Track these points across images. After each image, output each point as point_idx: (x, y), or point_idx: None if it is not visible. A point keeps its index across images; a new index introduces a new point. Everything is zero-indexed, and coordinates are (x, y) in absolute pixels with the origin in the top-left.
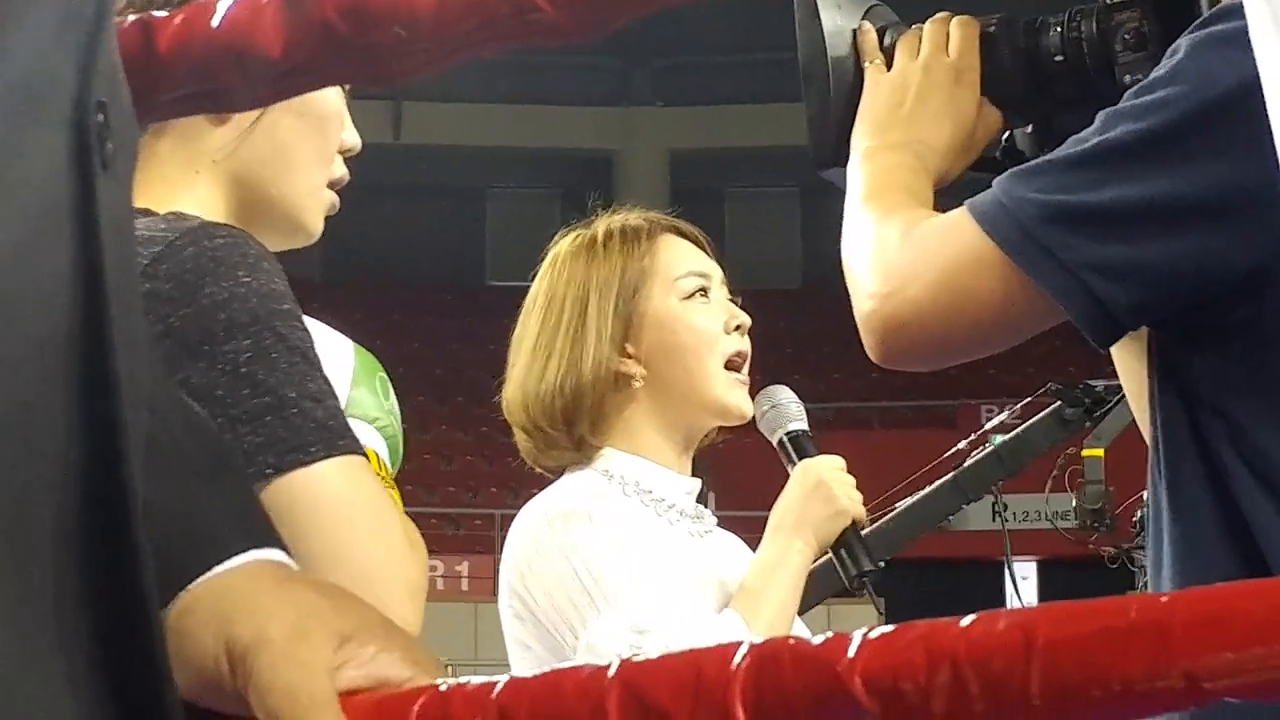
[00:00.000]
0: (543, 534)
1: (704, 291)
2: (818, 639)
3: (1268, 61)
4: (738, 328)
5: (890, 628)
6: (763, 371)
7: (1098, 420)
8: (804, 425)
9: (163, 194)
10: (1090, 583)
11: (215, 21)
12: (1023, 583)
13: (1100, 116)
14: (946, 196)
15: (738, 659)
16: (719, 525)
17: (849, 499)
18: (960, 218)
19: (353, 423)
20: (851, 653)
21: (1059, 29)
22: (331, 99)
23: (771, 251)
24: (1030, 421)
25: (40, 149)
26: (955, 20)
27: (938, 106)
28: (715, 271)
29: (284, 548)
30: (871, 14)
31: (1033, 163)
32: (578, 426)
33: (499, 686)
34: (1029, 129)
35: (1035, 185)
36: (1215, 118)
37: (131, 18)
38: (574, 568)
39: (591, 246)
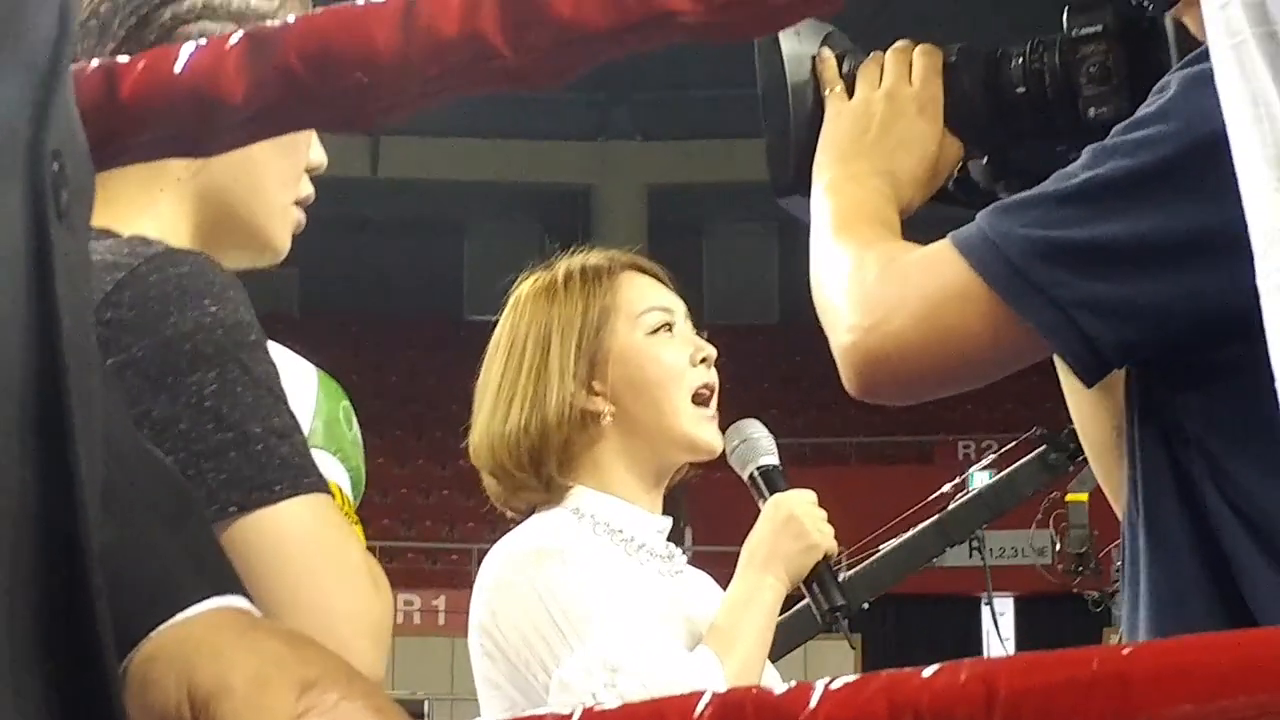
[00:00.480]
0: (513, 572)
1: (668, 326)
2: (780, 688)
3: (1233, 111)
4: (704, 360)
5: (852, 678)
6: (739, 407)
7: (1081, 464)
8: (775, 460)
9: (126, 213)
10: (1069, 620)
11: (178, 68)
12: (1001, 619)
13: (1088, 152)
14: (906, 229)
15: (700, 708)
16: (694, 560)
17: (820, 533)
18: (944, 251)
19: (315, 453)
20: (813, 704)
21: (1021, 60)
22: None
23: (749, 286)
24: (1014, 466)
25: None
26: (918, 49)
27: (902, 136)
28: (678, 306)
29: (246, 594)
30: (829, 40)
31: (1019, 196)
32: (545, 467)
33: None
34: (984, 160)
35: (1023, 220)
36: (1206, 156)
37: (94, 63)
38: (545, 605)
39: (552, 287)
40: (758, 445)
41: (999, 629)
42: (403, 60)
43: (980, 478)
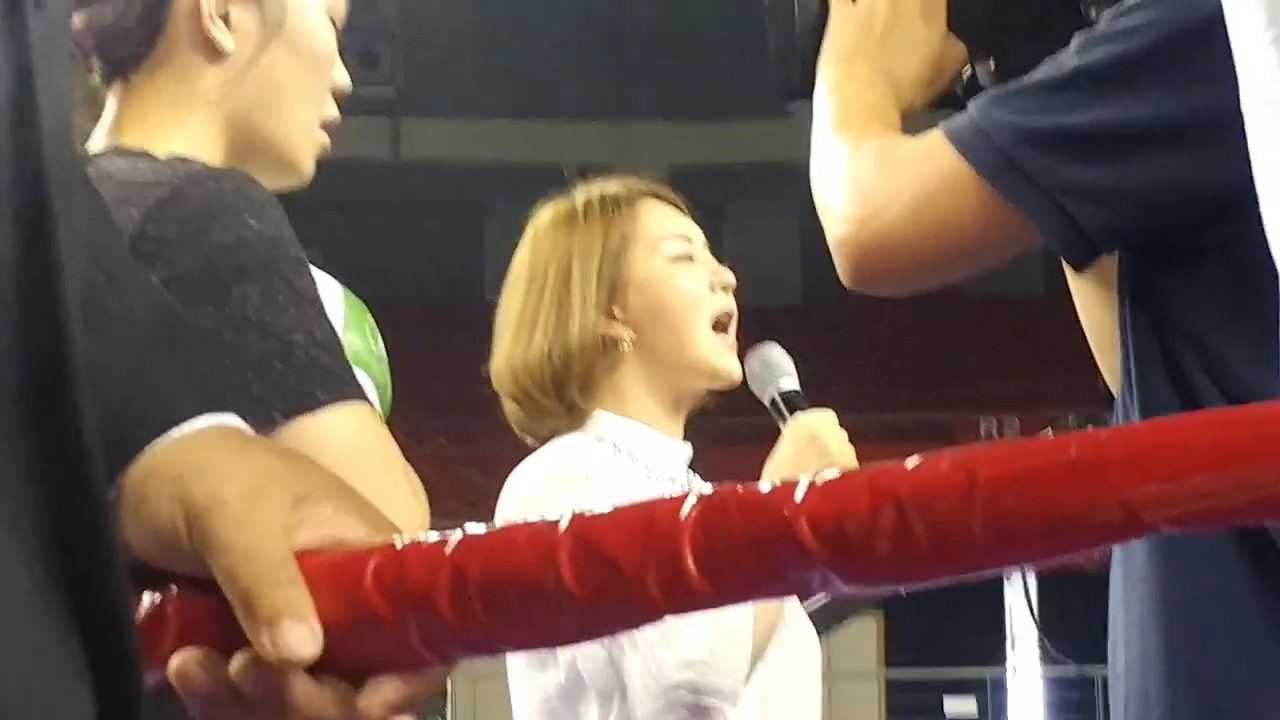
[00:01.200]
0: (543, 494)
1: (688, 254)
2: (765, 486)
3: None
4: (723, 287)
5: (836, 472)
6: None
7: None
8: (795, 384)
9: (156, 132)
10: (1098, 590)
11: None
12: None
13: (1078, 38)
14: (910, 131)
15: (686, 508)
16: None
17: (843, 453)
18: (936, 141)
19: None
20: (799, 498)
21: None
22: (326, 40)
23: (772, 267)
24: None
25: None
26: None
27: (904, 38)
28: (697, 234)
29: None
30: None
31: (1009, 86)
32: (568, 391)
33: (453, 542)
34: (990, 63)
35: (1012, 108)
36: (1194, 42)
37: None
38: None
39: (572, 216)
40: (777, 368)
41: (1028, 591)
42: None
43: None
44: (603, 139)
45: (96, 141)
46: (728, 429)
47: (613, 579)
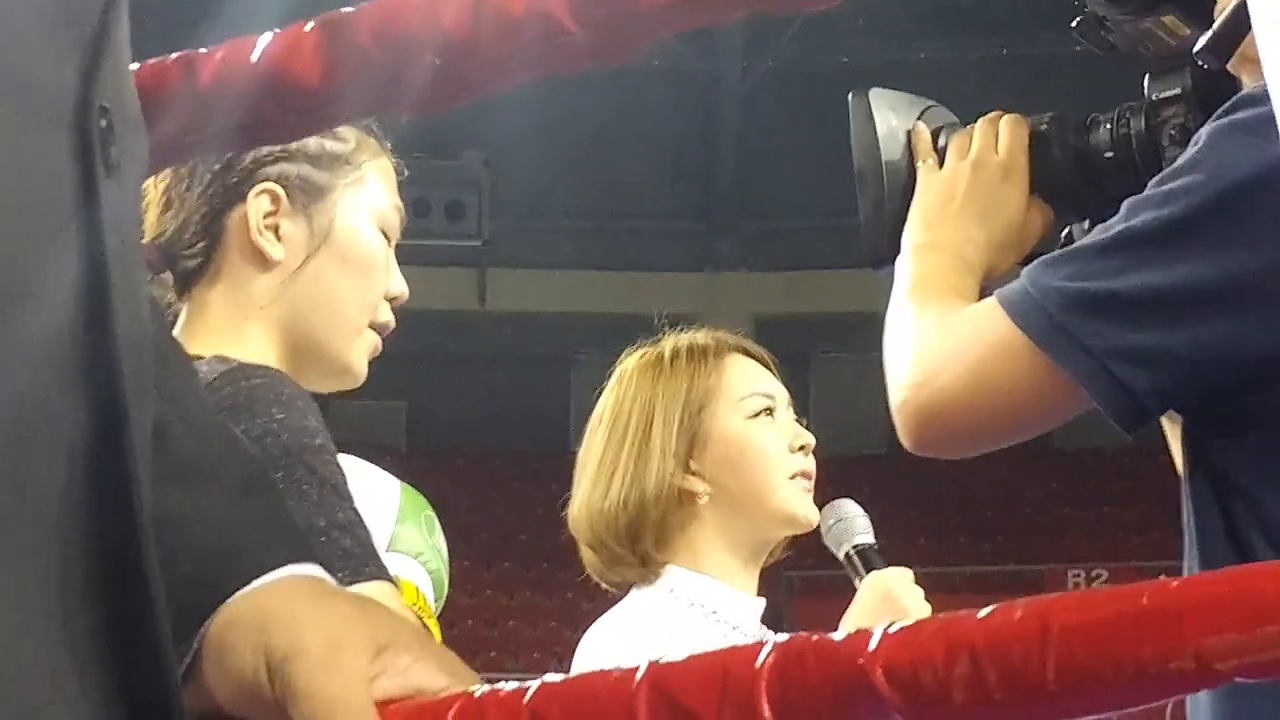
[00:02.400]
0: (611, 654)
1: (769, 411)
2: (839, 635)
3: None
4: (802, 448)
5: (910, 621)
6: None
7: None
8: (871, 538)
9: (217, 340)
10: None
11: (255, 55)
12: None
13: (1125, 205)
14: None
15: (763, 657)
16: None
17: (919, 611)
18: (989, 307)
19: (397, 557)
20: (873, 646)
21: (1109, 126)
22: (376, 247)
23: (857, 417)
24: None
25: (41, 149)
26: (1005, 119)
27: (985, 203)
28: (781, 393)
29: (320, 563)
30: (927, 115)
31: (1060, 251)
32: (642, 542)
33: (531, 691)
34: (1086, 225)
35: (1061, 273)
36: (1235, 204)
37: (173, 56)
38: None
39: (658, 363)
40: (854, 524)
41: None
42: (473, 40)
43: None
44: (687, 290)
45: None
46: (810, 581)
47: None
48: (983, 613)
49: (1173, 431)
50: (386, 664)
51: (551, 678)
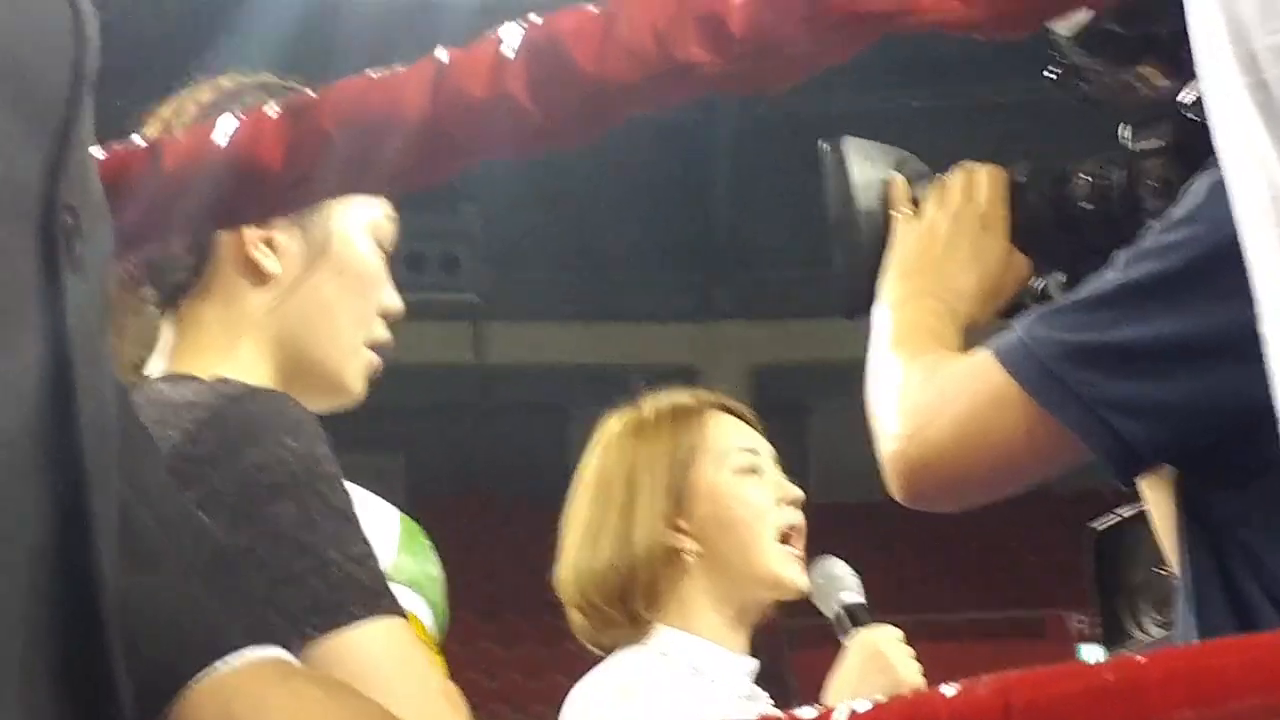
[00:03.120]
0: (603, 713)
1: (754, 467)
2: (808, 712)
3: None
4: (790, 501)
5: (875, 700)
6: None
7: None
8: (859, 597)
9: (209, 356)
10: None
11: (220, 139)
12: None
13: (1121, 256)
14: (975, 344)
15: None
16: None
17: (907, 670)
18: (982, 358)
19: (397, 587)
20: None
21: (1087, 177)
22: (371, 261)
23: (856, 464)
24: None
25: (6, 247)
26: (983, 169)
27: (965, 253)
28: (765, 447)
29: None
30: (902, 165)
31: (1055, 303)
32: (632, 603)
33: None
34: (1062, 277)
35: (1057, 324)
36: (1231, 256)
37: (138, 139)
38: None
39: (640, 425)
40: (841, 582)
41: None
42: (435, 124)
43: (1090, 651)
44: (684, 340)
45: (154, 367)
46: (810, 632)
47: None
48: (947, 691)
49: (1155, 485)
50: None
51: None
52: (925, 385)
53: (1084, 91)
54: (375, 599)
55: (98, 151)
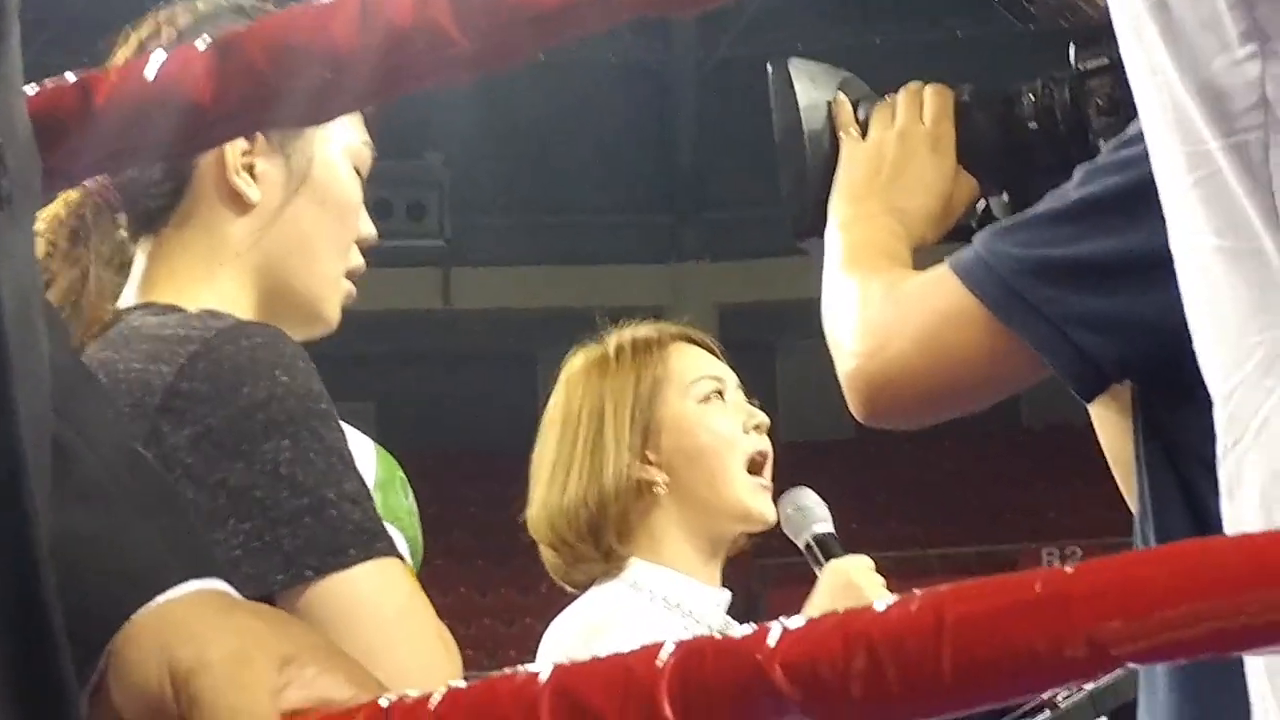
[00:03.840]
0: (575, 647)
1: (719, 393)
2: (739, 632)
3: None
4: (756, 427)
5: (809, 617)
6: None
7: None
8: (830, 527)
9: (186, 286)
10: None
11: (149, 75)
12: None
13: (1079, 171)
14: (922, 265)
15: (663, 656)
16: None
17: (879, 596)
18: (942, 274)
19: None
20: (772, 643)
21: (1032, 96)
22: (352, 190)
23: (824, 403)
24: None
25: None
26: (929, 89)
27: (914, 174)
28: (729, 376)
29: (225, 579)
30: (846, 86)
31: (1014, 218)
32: (604, 537)
33: (436, 698)
34: (1004, 196)
35: (1017, 240)
36: None
37: (70, 76)
38: None
39: (604, 360)
40: (811, 513)
41: None
42: (361, 53)
43: None
44: (651, 282)
45: (127, 297)
46: (786, 568)
47: None
48: (880, 606)
49: (1106, 406)
50: (292, 676)
51: (457, 684)
52: (884, 303)
53: (1029, 12)
54: (372, 540)
55: (27, 89)
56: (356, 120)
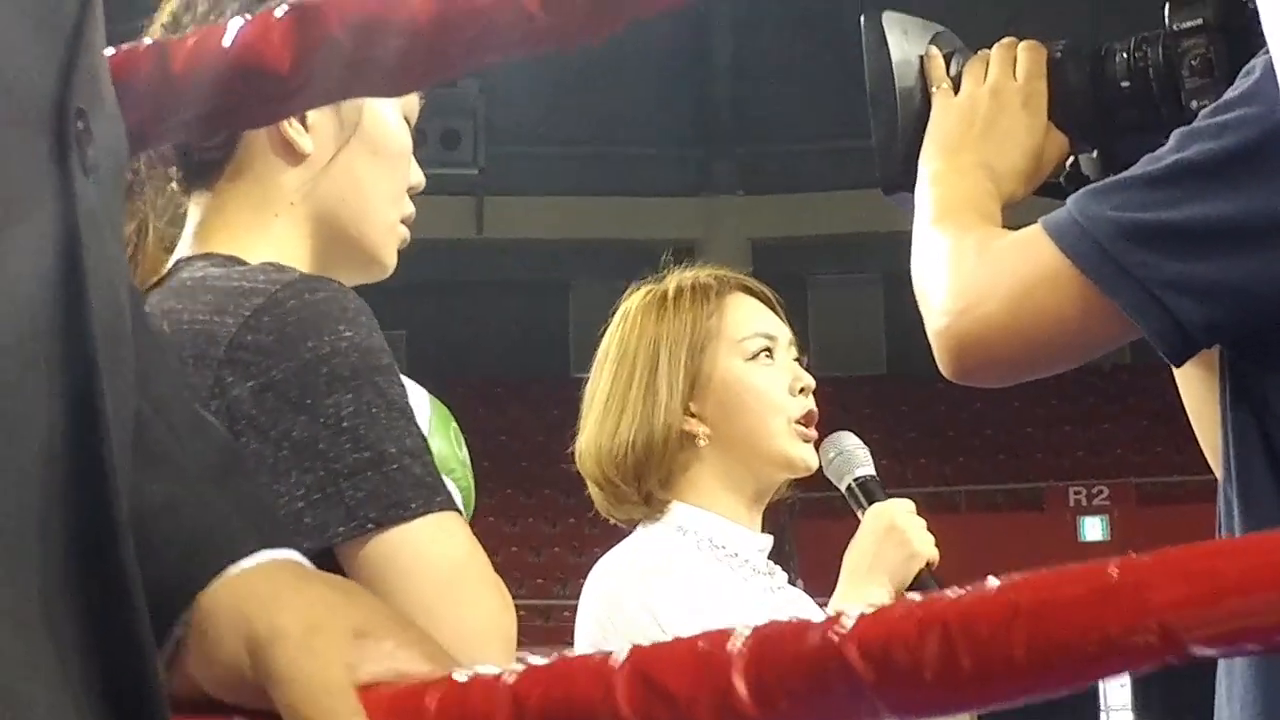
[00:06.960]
0: (623, 589)
1: (769, 352)
2: (819, 616)
3: None
4: (802, 390)
5: (885, 603)
6: None
7: None
8: (871, 470)
9: (243, 237)
10: (1190, 688)
11: (226, 42)
12: (1120, 689)
13: (1175, 135)
14: (1011, 221)
15: (740, 638)
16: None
17: (922, 542)
18: (1035, 235)
19: None
20: (847, 625)
21: (1125, 55)
22: (402, 137)
23: (855, 338)
24: None
25: (19, 151)
26: (1023, 45)
27: (1005, 130)
28: (783, 333)
29: (298, 548)
30: (937, 40)
31: (1109, 180)
32: (647, 481)
33: (514, 675)
34: (1094, 154)
35: (1112, 203)
36: None
37: (148, 41)
38: (658, 622)
39: (663, 302)
40: (853, 457)
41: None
42: (442, 25)
43: (1090, 523)
44: (684, 215)
45: (182, 249)
46: (813, 503)
47: (668, 709)
48: (953, 592)
49: (1194, 364)
50: (367, 648)
51: (535, 660)
52: (976, 261)
53: None
54: (432, 494)
55: (108, 53)
56: None
